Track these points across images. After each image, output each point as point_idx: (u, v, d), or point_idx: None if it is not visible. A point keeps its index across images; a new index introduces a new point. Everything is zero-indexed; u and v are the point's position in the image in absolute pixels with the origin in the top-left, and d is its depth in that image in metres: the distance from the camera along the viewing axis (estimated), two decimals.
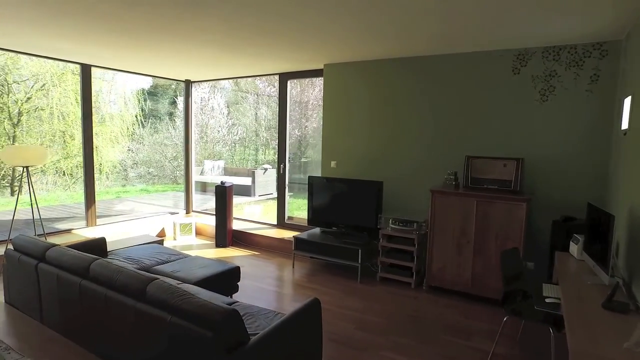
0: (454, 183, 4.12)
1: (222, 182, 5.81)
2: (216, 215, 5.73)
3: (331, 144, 5.29)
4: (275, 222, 6.18)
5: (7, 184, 11.77)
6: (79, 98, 12.17)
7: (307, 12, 3.15)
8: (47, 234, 5.16)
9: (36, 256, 2.88)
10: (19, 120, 11.49)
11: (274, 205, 6.40)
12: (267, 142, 13.07)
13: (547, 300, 2.62)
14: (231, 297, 3.70)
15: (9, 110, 11.35)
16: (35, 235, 4.41)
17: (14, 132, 11.54)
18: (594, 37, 3.61)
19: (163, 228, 6.17)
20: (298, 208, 7.45)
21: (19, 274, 3.01)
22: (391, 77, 4.73)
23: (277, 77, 5.99)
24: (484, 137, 4.24)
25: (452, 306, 3.82)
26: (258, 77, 8.16)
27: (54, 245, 2.88)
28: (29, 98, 11.50)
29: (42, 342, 2.70)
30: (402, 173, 4.74)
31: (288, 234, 5.68)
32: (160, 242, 4.55)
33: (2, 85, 11.19)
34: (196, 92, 13.57)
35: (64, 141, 11.80)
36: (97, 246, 3.73)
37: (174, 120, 14.52)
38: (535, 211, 3.98)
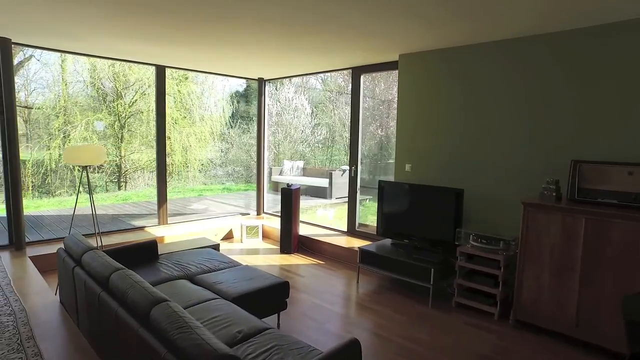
0: (554, 194, 3.26)
1: (288, 184, 5.52)
2: (281, 219, 5.45)
3: (406, 145, 4.67)
4: (346, 229, 5.73)
5: (115, 180, 13.02)
6: (172, 100, 12.87)
7: None
8: (123, 230, 5.34)
9: (75, 259, 2.81)
10: (125, 123, 12.64)
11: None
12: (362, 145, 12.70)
13: None
14: (278, 315, 3.34)
15: (118, 114, 12.53)
16: (98, 232, 4.53)
17: (121, 133, 12.73)
18: None
19: (231, 229, 6.08)
20: (375, 214, 6.90)
21: (64, 275, 2.98)
22: (477, 66, 3.98)
23: (349, 72, 5.53)
24: (601, 136, 3.31)
25: (547, 351, 3.01)
26: (337, 74, 7.77)
27: (90, 248, 2.77)
28: (133, 102, 12.58)
29: (72, 350, 2.59)
30: (487, 180, 3.96)
31: (358, 243, 5.19)
32: (216, 247, 4.38)
33: (116, 92, 12.41)
34: (281, 93, 13.74)
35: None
36: (148, 249, 3.63)
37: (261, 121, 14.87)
38: None
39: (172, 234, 5.34)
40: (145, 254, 3.61)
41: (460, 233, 3.81)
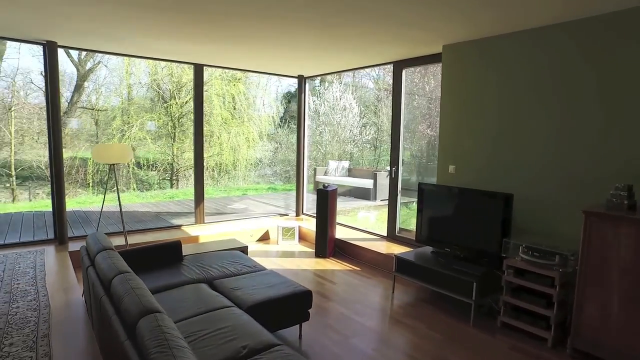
0: (626, 202, 2.74)
1: (324, 185, 5.28)
2: (317, 222, 5.22)
3: (450, 145, 4.26)
4: (385, 233, 5.39)
5: (168, 178, 13.52)
6: (225, 101, 13.08)
7: None
8: (159, 228, 5.39)
9: (90, 258, 2.76)
10: (178, 122, 13.07)
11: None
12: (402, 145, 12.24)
13: None
14: (300, 326, 3.11)
15: (171, 114, 12.99)
16: (124, 230, 4.56)
17: (174, 132, 13.19)
18: None
19: (267, 230, 5.95)
20: None
21: (84, 274, 2.95)
22: (534, 54, 3.49)
23: (391, 66, 5.19)
24: None
25: None
26: (386, 72, 7.42)
27: (105, 248, 2.70)
28: (185, 102, 12.97)
29: (82, 353, 2.53)
30: (541, 184, 3.47)
31: (397, 249, 4.84)
32: (244, 250, 4.23)
33: (169, 93, 12.90)
34: (329, 92, 13.55)
35: (211, 140, 12.94)
36: (172, 249, 3.55)
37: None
38: None
39: (207, 234, 5.31)
40: (169, 254, 3.53)
41: (508, 243, 3.36)
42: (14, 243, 4.69)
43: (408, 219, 6.07)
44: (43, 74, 4.66)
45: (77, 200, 10.60)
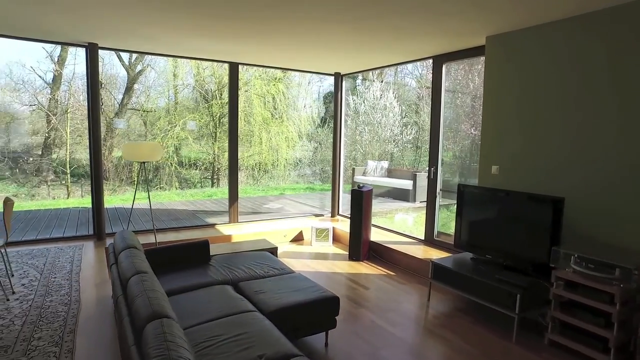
0: None
1: (358, 185, 5.09)
2: (351, 223, 5.04)
3: (493, 143, 3.94)
4: (423, 237, 5.13)
5: (209, 177, 13.81)
6: (265, 101, 13.19)
7: None
8: (192, 226, 5.43)
9: (115, 256, 2.74)
10: (219, 122, 13.31)
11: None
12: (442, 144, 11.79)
13: None
14: (326, 334, 2.95)
15: (212, 114, 13.25)
16: (153, 228, 4.59)
17: (216, 131, 13.45)
18: None
19: (301, 231, 5.85)
20: None
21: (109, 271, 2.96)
22: (589, 44, 3.13)
23: (430, 62, 4.92)
24: None
25: None
26: (418, 66, 7.13)
27: (129, 246, 2.68)
28: (226, 102, 13.17)
29: (104, 350, 2.52)
30: (597, 187, 3.10)
31: (435, 254, 4.58)
32: (273, 251, 4.14)
33: (211, 93, 13.19)
34: (370, 91, 13.29)
35: (251, 139, 13.08)
36: (200, 248, 3.50)
37: (345, 120, 14.65)
38: None
39: (240, 233, 5.27)
40: (196, 253, 3.49)
41: (557, 253, 3.03)
42: (58, 237, 4.88)
43: (448, 222, 5.75)
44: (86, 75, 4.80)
45: (121, 198, 11.03)
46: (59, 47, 11.20)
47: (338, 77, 6.41)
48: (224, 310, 2.54)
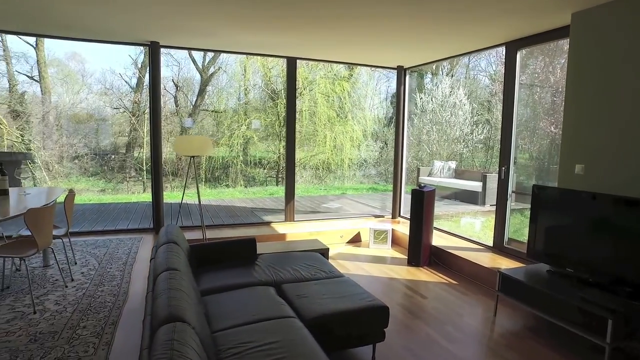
0: None
1: (420, 185, 4.72)
2: (411, 226, 4.68)
3: (577, 139, 3.39)
4: (491, 244, 4.62)
5: (274, 176, 14.01)
6: (329, 99, 13.10)
7: None
8: (250, 224, 5.42)
9: (155, 251, 2.70)
10: (284, 121, 13.46)
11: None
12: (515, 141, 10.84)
13: None
14: (373, 347, 2.67)
15: (278, 113, 13.44)
16: (202, 224, 4.58)
17: (281, 132, 13.62)
18: None
19: (359, 232, 5.58)
20: None
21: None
22: None
23: (503, 50, 4.42)
24: None
25: None
26: (492, 60, 6.54)
27: (169, 241, 2.62)
28: None
29: (138, 346, 2.47)
30: None
31: (505, 264, 4.09)
32: (324, 252, 3.92)
33: (278, 91, 13.37)
34: (439, 88, 12.62)
35: (315, 139, 13.05)
36: (246, 246, 3.39)
37: (411, 119, 14.11)
38: None
39: (294, 232, 5.15)
40: (243, 251, 3.39)
41: None
42: (121, 229, 5.10)
43: (521, 228, 5.15)
44: (149, 74, 4.95)
45: (187, 194, 11.58)
46: (142, 54, 12.01)
47: (401, 71, 6.05)
48: (260, 314, 2.38)
